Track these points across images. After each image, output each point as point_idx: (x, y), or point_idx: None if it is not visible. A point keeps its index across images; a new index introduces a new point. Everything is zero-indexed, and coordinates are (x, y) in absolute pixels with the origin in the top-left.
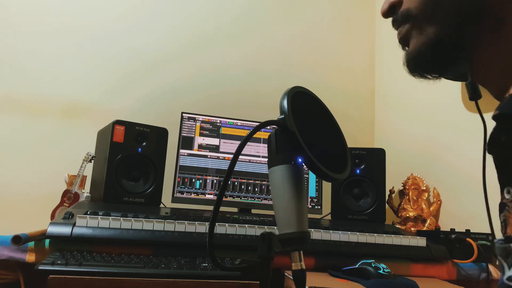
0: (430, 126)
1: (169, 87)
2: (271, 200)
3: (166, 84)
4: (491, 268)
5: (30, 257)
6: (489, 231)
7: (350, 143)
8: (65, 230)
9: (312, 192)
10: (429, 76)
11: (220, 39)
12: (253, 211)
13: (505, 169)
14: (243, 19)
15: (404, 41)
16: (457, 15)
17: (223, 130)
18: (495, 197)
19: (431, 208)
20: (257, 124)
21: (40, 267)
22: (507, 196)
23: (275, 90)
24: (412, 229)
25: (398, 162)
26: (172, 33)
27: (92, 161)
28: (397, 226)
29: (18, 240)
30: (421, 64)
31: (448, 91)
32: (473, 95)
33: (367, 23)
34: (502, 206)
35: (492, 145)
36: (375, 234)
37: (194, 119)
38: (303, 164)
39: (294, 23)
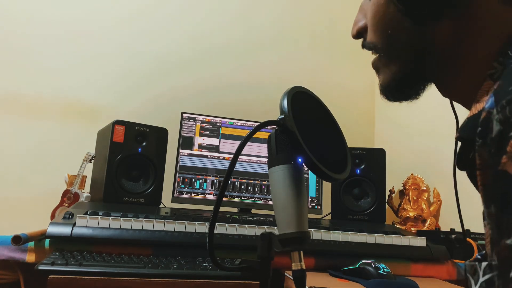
0: (430, 126)
1: (169, 88)
2: (271, 200)
3: (167, 85)
4: None
5: (30, 257)
6: None
7: (350, 143)
8: (65, 230)
9: (312, 192)
10: (404, 101)
11: (224, 48)
12: (253, 211)
13: (476, 185)
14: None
15: (375, 69)
16: (413, 52)
17: (223, 130)
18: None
19: (431, 208)
20: (257, 124)
21: (40, 267)
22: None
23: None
24: (412, 229)
25: (398, 162)
26: (175, 38)
27: (92, 161)
28: (397, 226)
29: (18, 240)
30: (393, 94)
31: None
32: None
33: None
34: (484, 215)
35: (459, 161)
36: (375, 234)
37: (194, 119)
38: (303, 164)
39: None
